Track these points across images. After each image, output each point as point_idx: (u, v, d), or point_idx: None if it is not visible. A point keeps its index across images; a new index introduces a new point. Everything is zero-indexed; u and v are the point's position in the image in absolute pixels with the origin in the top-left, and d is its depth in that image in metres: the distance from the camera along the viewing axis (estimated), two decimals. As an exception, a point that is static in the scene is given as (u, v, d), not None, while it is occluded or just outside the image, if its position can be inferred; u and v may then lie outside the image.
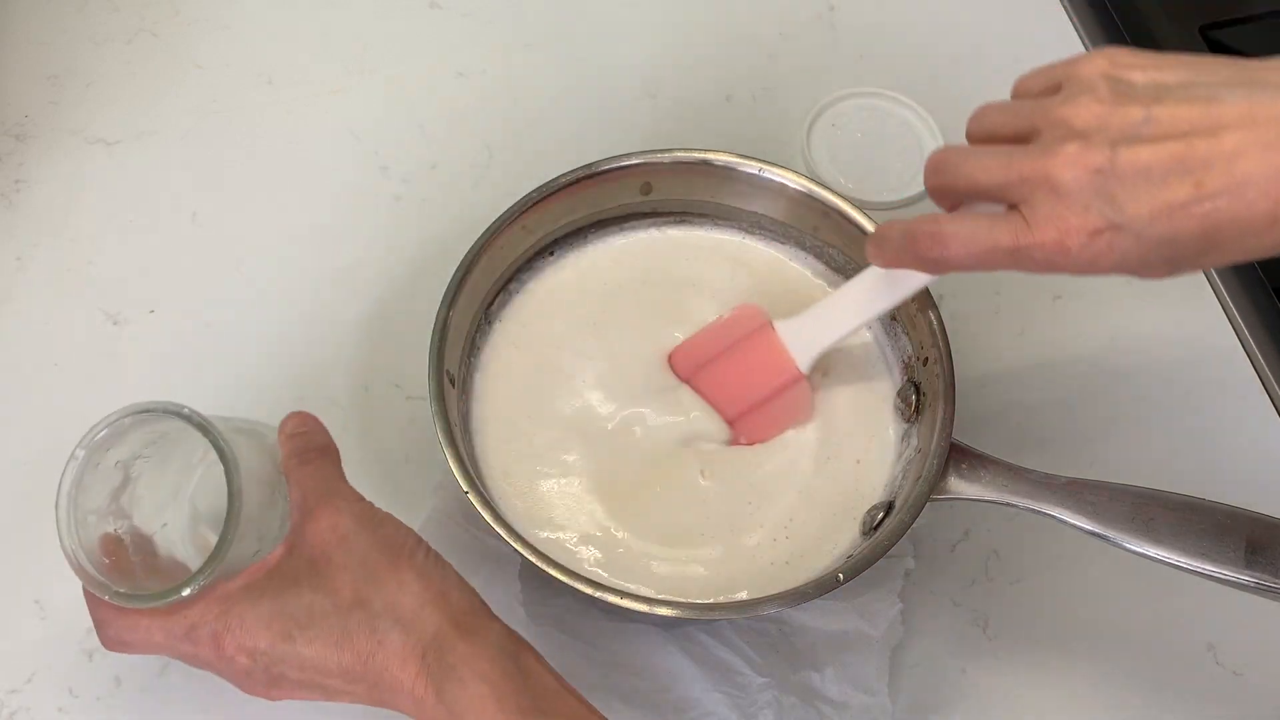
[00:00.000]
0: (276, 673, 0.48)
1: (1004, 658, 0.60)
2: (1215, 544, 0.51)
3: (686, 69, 0.79)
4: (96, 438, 0.48)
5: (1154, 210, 0.43)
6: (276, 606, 0.47)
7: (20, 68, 0.77)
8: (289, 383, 0.66)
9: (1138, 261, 0.44)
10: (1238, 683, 0.60)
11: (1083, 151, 0.43)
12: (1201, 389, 0.68)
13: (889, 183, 0.74)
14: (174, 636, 0.48)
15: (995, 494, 0.55)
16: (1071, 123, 0.44)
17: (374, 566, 0.48)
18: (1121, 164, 0.43)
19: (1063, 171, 0.44)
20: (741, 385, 0.61)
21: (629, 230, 0.66)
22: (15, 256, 0.70)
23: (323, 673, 0.47)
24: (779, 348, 0.60)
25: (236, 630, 0.47)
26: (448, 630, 0.47)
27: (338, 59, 0.78)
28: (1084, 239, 0.44)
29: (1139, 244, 0.43)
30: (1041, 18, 0.82)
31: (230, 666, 0.48)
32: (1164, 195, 0.42)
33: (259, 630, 0.47)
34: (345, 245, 0.71)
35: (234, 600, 0.48)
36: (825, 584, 0.52)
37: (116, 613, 0.49)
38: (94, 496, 0.49)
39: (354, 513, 0.50)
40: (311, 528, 0.49)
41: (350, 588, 0.48)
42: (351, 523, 0.49)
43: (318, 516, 0.49)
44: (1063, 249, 0.44)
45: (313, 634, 0.47)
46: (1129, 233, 0.43)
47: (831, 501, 0.59)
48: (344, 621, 0.47)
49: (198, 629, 0.48)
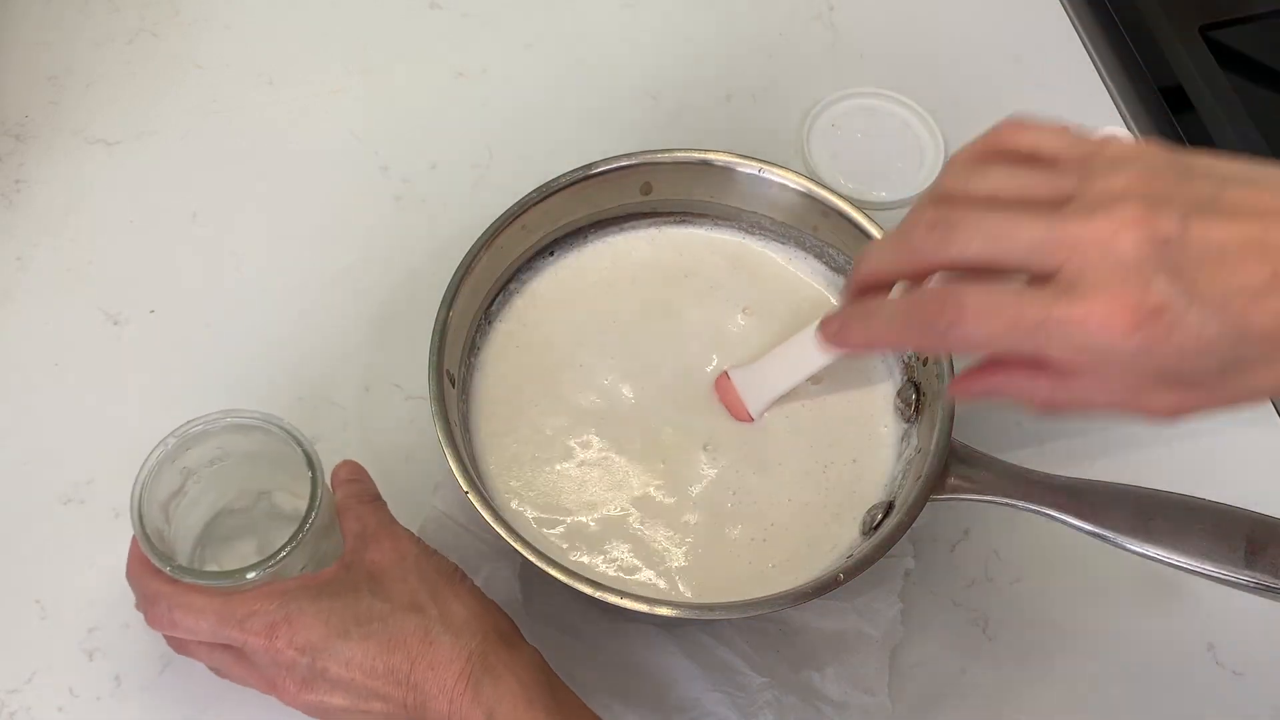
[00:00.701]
0: (320, 668, 0.49)
1: (1004, 658, 0.60)
2: (1215, 544, 0.51)
3: (686, 69, 0.79)
4: (191, 431, 0.53)
5: (1226, 294, 0.37)
6: (337, 605, 0.50)
7: (20, 68, 0.77)
8: (289, 382, 0.66)
9: (1194, 354, 0.37)
10: (1238, 683, 0.60)
11: (1149, 216, 0.37)
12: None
13: (889, 183, 0.74)
14: (227, 622, 0.50)
15: (995, 494, 0.55)
16: (1130, 187, 0.38)
17: (431, 582, 0.52)
18: (1193, 237, 0.37)
19: (1123, 236, 0.37)
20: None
21: (629, 230, 0.66)
22: (15, 256, 0.70)
23: (368, 673, 0.49)
24: (734, 394, 0.61)
25: (295, 621, 0.49)
26: (493, 640, 0.50)
27: (338, 59, 0.78)
28: (1141, 318, 0.37)
29: (1201, 333, 0.37)
30: (1042, 18, 0.82)
31: (272, 660, 0.49)
32: (1239, 279, 0.36)
33: (315, 624, 0.49)
34: (345, 245, 0.71)
35: (293, 595, 0.50)
36: (825, 584, 0.52)
37: (172, 589, 0.51)
38: (158, 490, 0.53)
39: (413, 541, 0.54)
40: (374, 548, 0.53)
41: (408, 596, 0.51)
42: (412, 548, 0.53)
43: (380, 539, 0.53)
44: (1108, 327, 0.37)
45: (368, 631, 0.49)
46: (1193, 318, 0.37)
47: (831, 501, 0.59)
48: (400, 623, 0.49)
49: (255, 617, 0.49)
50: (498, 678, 0.49)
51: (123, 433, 0.63)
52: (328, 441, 0.63)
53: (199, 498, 0.57)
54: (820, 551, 0.58)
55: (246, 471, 0.58)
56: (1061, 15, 0.82)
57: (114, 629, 0.59)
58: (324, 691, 0.49)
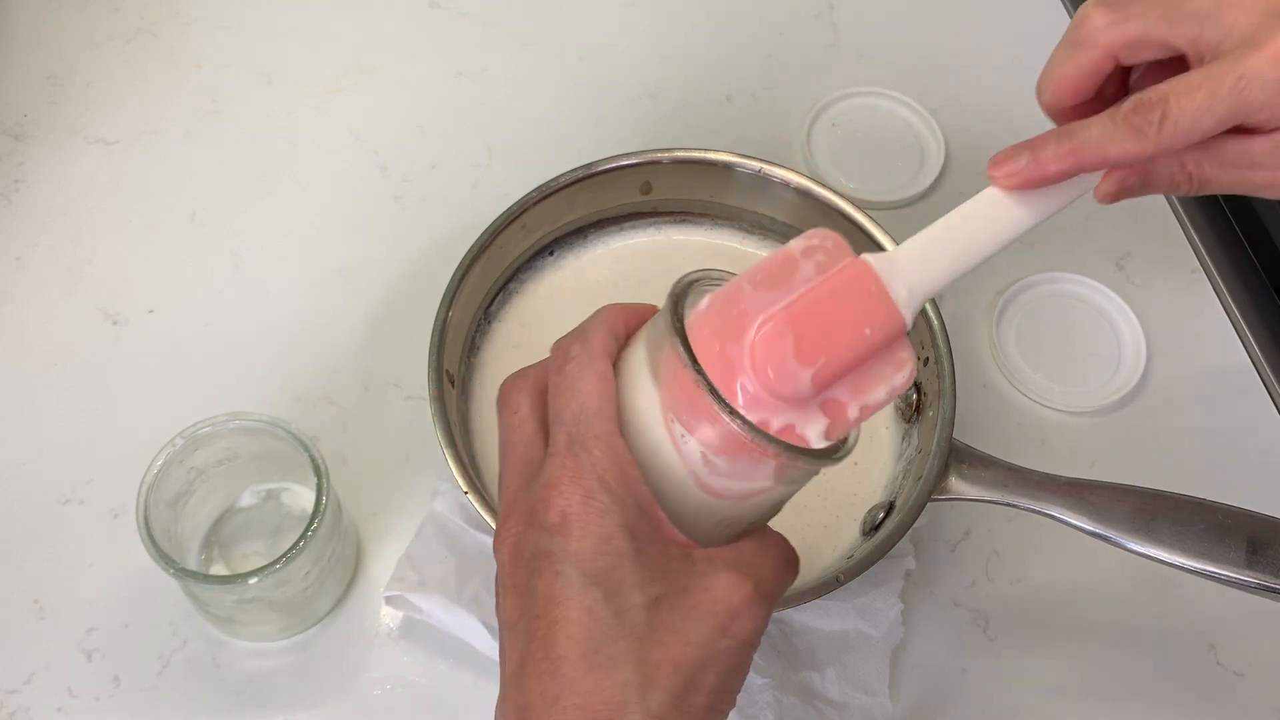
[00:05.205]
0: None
1: (1004, 658, 0.60)
2: (1216, 544, 0.51)
3: (686, 69, 0.79)
4: (199, 432, 0.54)
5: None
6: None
7: (20, 68, 0.77)
8: (288, 382, 0.66)
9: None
10: (1239, 683, 0.60)
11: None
12: (1203, 388, 0.68)
13: (889, 182, 0.74)
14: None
15: (995, 494, 0.55)
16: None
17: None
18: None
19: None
20: (820, 345, 0.39)
21: (629, 230, 0.66)
22: (15, 256, 0.70)
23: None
24: (877, 289, 0.40)
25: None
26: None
27: (338, 59, 0.78)
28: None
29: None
30: (1042, 17, 0.82)
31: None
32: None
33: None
34: (345, 245, 0.71)
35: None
36: (825, 584, 0.52)
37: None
38: (166, 489, 0.54)
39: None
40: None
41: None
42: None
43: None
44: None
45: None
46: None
47: (831, 501, 0.59)
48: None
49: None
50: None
51: (122, 433, 0.63)
52: (327, 441, 0.63)
53: (207, 497, 0.58)
54: (820, 552, 0.58)
55: (254, 471, 0.58)
56: (1062, 14, 0.82)
57: (113, 629, 0.59)
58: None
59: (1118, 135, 0.43)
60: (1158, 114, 0.42)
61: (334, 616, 0.59)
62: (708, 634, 0.39)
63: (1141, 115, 0.42)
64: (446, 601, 0.57)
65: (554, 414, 0.41)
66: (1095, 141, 0.43)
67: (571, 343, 0.43)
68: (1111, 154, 0.43)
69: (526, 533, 0.40)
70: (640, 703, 0.37)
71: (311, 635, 0.59)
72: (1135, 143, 0.43)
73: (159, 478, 0.53)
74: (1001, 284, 0.70)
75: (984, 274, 0.70)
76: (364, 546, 0.61)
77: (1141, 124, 0.42)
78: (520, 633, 0.39)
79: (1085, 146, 0.43)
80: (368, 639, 0.59)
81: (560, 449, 0.40)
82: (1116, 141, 0.43)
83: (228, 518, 0.60)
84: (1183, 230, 0.74)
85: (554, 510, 0.39)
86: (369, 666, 0.58)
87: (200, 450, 0.55)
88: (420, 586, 0.57)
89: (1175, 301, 0.71)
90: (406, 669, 0.58)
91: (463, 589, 0.57)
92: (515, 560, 0.40)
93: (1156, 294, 0.71)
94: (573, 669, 0.37)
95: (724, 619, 0.39)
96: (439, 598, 0.57)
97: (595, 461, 0.39)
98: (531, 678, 0.38)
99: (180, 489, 0.56)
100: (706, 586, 0.39)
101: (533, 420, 0.43)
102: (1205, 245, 0.73)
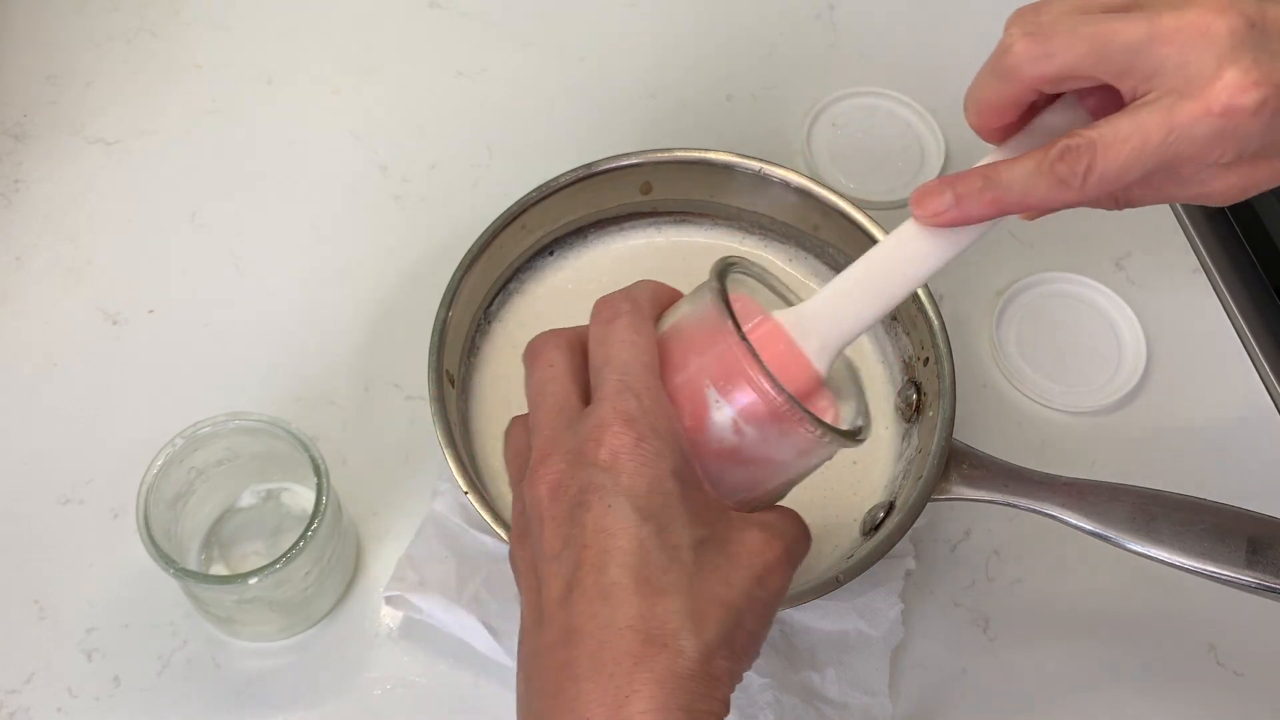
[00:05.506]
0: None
1: (1004, 658, 0.60)
2: (1216, 544, 0.51)
3: (686, 69, 0.79)
4: (200, 432, 0.54)
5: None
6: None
7: (20, 68, 0.77)
8: (288, 382, 0.66)
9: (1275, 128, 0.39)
10: (1239, 683, 0.60)
11: (1233, 2, 0.39)
12: (1203, 389, 0.68)
13: (889, 182, 0.74)
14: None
15: (995, 494, 0.55)
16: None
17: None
18: (1271, 19, 0.39)
19: (1218, 23, 0.39)
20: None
21: (629, 230, 0.66)
22: (15, 256, 0.70)
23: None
24: (787, 346, 0.43)
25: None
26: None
27: (338, 59, 0.78)
28: (1257, 97, 0.38)
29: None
30: (1042, 17, 0.82)
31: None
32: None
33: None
34: (345, 245, 0.71)
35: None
36: (825, 584, 0.52)
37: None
38: (166, 489, 0.54)
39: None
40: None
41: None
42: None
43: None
44: (1233, 111, 0.38)
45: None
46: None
47: (831, 501, 0.59)
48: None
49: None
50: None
51: (122, 433, 0.63)
52: (327, 441, 0.63)
53: (207, 497, 0.58)
54: (820, 552, 0.58)
55: (254, 471, 0.58)
56: (1062, 15, 0.82)
57: (113, 629, 0.59)
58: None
59: (1043, 185, 0.42)
60: (1084, 164, 0.41)
61: (334, 616, 0.59)
62: (748, 583, 0.41)
63: (1068, 165, 0.41)
64: (446, 601, 0.57)
65: (600, 362, 0.43)
66: (1020, 188, 0.42)
67: (620, 300, 0.44)
68: (1034, 202, 0.43)
69: (571, 470, 0.41)
70: (693, 630, 0.38)
71: (311, 635, 0.59)
72: (1059, 194, 0.42)
73: (159, 478, 0.53)
74: (1001, 284, 0.71)
75: (984, 274, 0.71)
76: (364, 546, 0.61)
77: (1068, 175, 0.41)
78: (566, 561, 0.40)
79: (1009, 194, 0.43)
80: (368, 639, 0.59)
81: (610, 394, 0.41)
82: (1040, 191, 0.42)
83: (228, 518, 0.60)
84: (1183, 230, 0.74)
85: (605, 449, 0.40)
86: (369, 666, 0.58)
87: (200, 450, 0.55)
88: (420, 586, 0.57)
89: (1175, 301, 0.71)
90: (406, 669, 0.58)
91: (463, 589, 0.57)
92: (556, 495, 0.41)
93: (1156, 294, 0.71)
94: (625, 594, 0.38)
95: (760, 571, 0.41)
96: (439, 598, 0.57)
97: (647, 409, 0.41)
98: (580, 602, 0.39)
99: (180, 489, 0.56)
100: (743, 540, 0.41)
101: (569, 373, 0.44)
102: (1205, 245, 0.74)
